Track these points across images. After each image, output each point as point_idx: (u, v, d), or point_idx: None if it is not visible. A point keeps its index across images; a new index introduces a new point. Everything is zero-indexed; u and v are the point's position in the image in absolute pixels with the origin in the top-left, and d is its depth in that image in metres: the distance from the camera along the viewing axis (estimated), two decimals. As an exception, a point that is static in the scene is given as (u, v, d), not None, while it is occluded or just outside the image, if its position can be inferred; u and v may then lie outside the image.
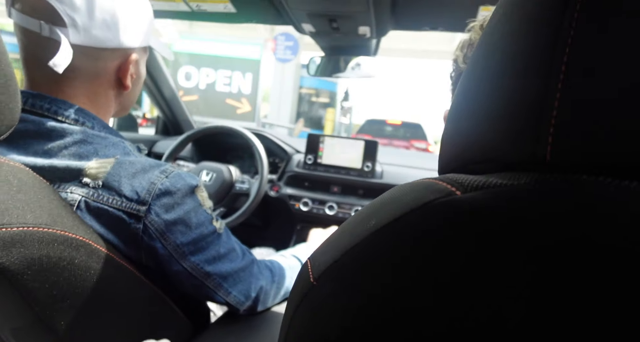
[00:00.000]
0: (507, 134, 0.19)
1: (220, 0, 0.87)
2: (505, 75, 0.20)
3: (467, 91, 0.24)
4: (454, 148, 0.25)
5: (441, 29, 0.88)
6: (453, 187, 0.19)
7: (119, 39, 0.50)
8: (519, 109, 0.19)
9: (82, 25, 0.47)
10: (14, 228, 0.33)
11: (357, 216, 0.25)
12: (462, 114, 0.24)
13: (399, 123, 7.31)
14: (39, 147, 0.47)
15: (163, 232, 0.49)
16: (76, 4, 0.46)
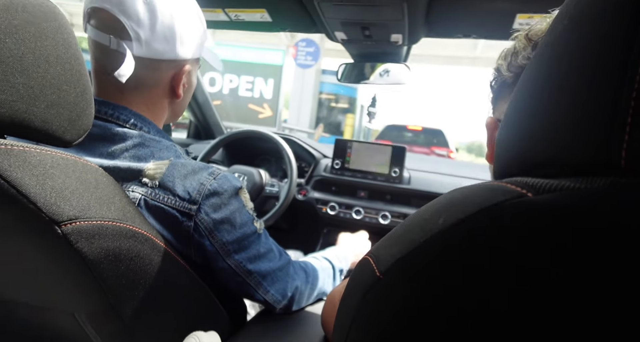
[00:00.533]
0: (577, 139, 0.20)
1: (257, 11, 0.91)
2: (574, 81, 0.21)
3: (528, 97, 0.25)
4: (513, 151, 0.25)
5: (474, 36, 0.88)
6: (523, 189, 0.20)
7: (175, 51, 0.54)
8: (590, 114, 0.19)
9: (145, 38, 0.51)
10: (95, 222, 0.37)
11: (421, 214, 0.25)
12: (523, 119, 0.25)
13: (419, 129, 7.23)
14: (104, 149, 0.51)
15: (211, 230, 0.52)
16: (141, 20, 0.50)
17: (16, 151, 0.34)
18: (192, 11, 0.55)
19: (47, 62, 0.36)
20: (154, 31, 0.51)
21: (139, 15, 0.50)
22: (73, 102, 0.39)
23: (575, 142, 0.20)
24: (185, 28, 0.54)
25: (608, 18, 0.19)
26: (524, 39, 0.45)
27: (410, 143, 6.94)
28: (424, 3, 0.77)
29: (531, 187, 0.20)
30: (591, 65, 0.20)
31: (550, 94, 0.22)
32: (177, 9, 0.53)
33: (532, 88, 0.24)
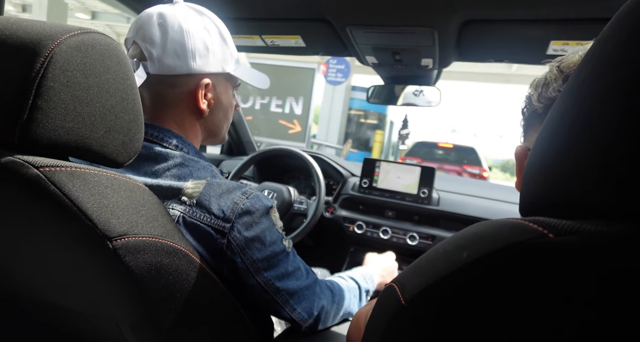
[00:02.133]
0: (598, 183, 0.20)
1: (292, 37, 0.96)
2: (596, 126, 0.21)
3: (554, 136, 0.25)
4: (537, 188, 0.26)
5: (507, 61, 0.88)
6: (545, 229, 0.21)
7: (188, 65, 0.57)
8: (611, 160, 0.20)
9: (157, 56, 0.55)
10: (141, 238, 0.40)
11: (446, 246, 0.26)
12: (547, 157, 0.25)
13: (450, 146, 7.06)
14: (148, 168, 0.55)
15: (243, 248, 0.54)
16: (154, 40, 0.55)
17: (78, 173, 0.38)
18: (211, 30, 0.59)
19: (108, 93, 0.41)
20: (165, 48, 0.55)
21: (152, 37, 0.55)
22: (127, 127, 0.43)
23: (596, 186, 0.20)
24: (199, 43, 0.57)
25: (631, 67, 0.20)
26: (556, 70, 0.45)
27: (440, 161, 6.78)
28: (455, 30, 0.78)
29: (552, 228, 0.20)
30: (612, 113, 0.20)
31: (574, 136, 0.23)
32: (190, 25, 0.56)
33: (558, 127, 0.25)
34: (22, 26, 0.38)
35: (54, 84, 0.36)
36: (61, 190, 0.36)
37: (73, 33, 0.39)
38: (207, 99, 0.60)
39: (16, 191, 0.38)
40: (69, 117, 0.38)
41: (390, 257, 1.01)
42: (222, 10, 0.90)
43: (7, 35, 0.38)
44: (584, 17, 0.67)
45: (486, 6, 0.71)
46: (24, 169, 0.35)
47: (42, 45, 0.36)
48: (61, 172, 0.37)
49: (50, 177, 0.36)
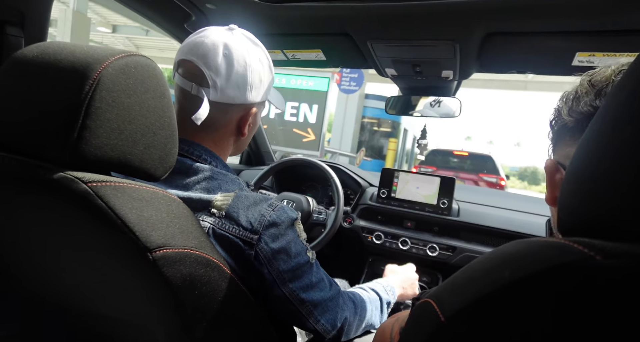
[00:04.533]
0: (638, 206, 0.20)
1: (313, 51, 0.98)
2: (635, 148, 0.21)
3: (594, 156, 0.25)
4: (579, 208, 0.26)
5: (530, 72, 0.87)
6: (591, 251, 0.21)
7: (245, 96, 0.60)
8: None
9: (220, 86, 0.58)
10: (178, 249, 0.42)
11: (484, 263, 0.27)
12: (588, 178, 0.25)
13: (466, 154, 6.96)
14: (180, 181, 0.58)
15: (269, 259, 0.55)
16: (219, 70, 0.57)
17: (122, 187, 0.40)
18: (264, 62, 0.62)
19: (148, 111, 0.43)
20: (229, 80, 0.58)
21: (217, 66, 0.57)
22: (163, 143, 0.46)
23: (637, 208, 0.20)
24: (256, 77, 0.61)
25: None
26: (587, 84, 0.44)
27: (456, 169, 6.69)
28: (477, 42, 0.78)
29: (599, 250, 0.20)
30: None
31: (615, 156, 0.23)
32: (251, 60, 0.59)
33: (598, 150, 0.25)
34: (72, 51, 0.41)
35: (100, 104, 0.39)
36: (107, 204, 0.38)
37: (118, 56, 0.41)
38: (248, 123, 0.64)
39: (66, 204, 0.40)
40: (113, 135, 0.40)
41: (410, 269, 1.00)
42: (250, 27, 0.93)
43: (59, 59, 0.40)
44: (610, 29, 0.66)
45: (508, 19, 0.71)
46: (74, 184, 0.38)
47: (90, 69, 0.39)
48: (107, 187, 0.39)
49: (97, 191, 0.38)
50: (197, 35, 0.60)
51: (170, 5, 0.84)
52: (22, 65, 0.42)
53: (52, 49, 0.42)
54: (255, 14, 0.87)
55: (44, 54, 0.41)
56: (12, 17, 0.66)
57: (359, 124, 8.67)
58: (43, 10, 0.70)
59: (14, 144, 0.42)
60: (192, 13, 0.87)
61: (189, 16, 0.89)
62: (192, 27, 0.92)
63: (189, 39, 0.61)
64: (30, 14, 0.68)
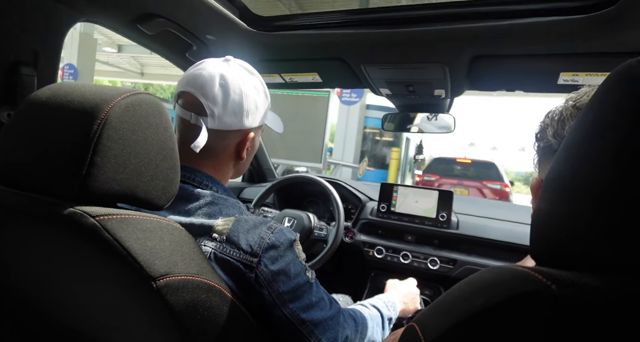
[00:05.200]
0: (594, 239, 0.23)
1: (309, 74, 1.03)
2: (589, 183, 0.24)
3: (561, 179, 0.28)
4: (547, 230, 0.28)
5: (518, 90, 0.90)
6: (549, 280, 0.23)
7: (242, 123, 0.63)
8: (600, 220, 0.23)
9: (218, 114, 0.61)
10: (181, 277, 0.44)
11: (462, 290, 0.29)
12: (556, 199, 0.28)
13: (469, 161, 6.94)
14: (182, 207, 0.60)
15: (269, 281, 0.57)
16: (216, 100, 0.61)
17: (127, 219, 0.43)
18: (259, 89, 0.66)
19: (151, 145, 0.46)
20: (226, 108, 0.62)
21: (214, 96, 0.61)
22: (166, 173, 0.49)
23: (593, 242, 0.23)
24: (252, 103, 0.64)
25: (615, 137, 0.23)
26: (572, 107, 0.46)
27: (459, 177, 6.66)
28: (465, 64, 0.82)
29: (555, 280, 0.23)
30: (602, 178, 0.23)
31: (573, 193, 0.26)
32: (246, 88, 0.63)
33: (564, 171, 0.27)
34: (82, 92, 0.45)
35: (107, 142, 0.42)
36: (114, 236, 0.41)
37: (124, 96, 0.44)
38: (246, 147, 0.67)
39: (75, 237, 0.43)
40: (119, 170, 0.43)
41: (411, 283, 1.01)
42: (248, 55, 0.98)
43: (70, 100, 0.44)
44: (591, 51, 0.70)
45: (494, 43, 0.74)
46: (83, 219, 0.40)
47: (98, 109, 0.42)
48: (113, 220, 0.42)
49: (105, 225, 0.41)
50: (195, 67, 0.64)
51: (173, 37, 0.89)
52: (36, 107, 0.45)
53: (63, 90, 0.45)
54: (252, 42, 0.92)
55: (56, 96, 0.45)
56: (26, 57, 0.70)
57: (361, 135, 8.71)
58: (55, 48, 0.74)
59: (26, 181, 0.45)
60: (193, 43, 0.92)
61: (191, 46, 0.93)
62: (193, 56, 0.97)
63: (188, 71, 0.65)
64: (43, 53, 0.72)
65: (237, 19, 0.85)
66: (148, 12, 0.79)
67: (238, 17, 0.85)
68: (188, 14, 0.80)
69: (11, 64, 0.69)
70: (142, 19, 0.80)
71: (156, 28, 0.82)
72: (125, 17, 0.81)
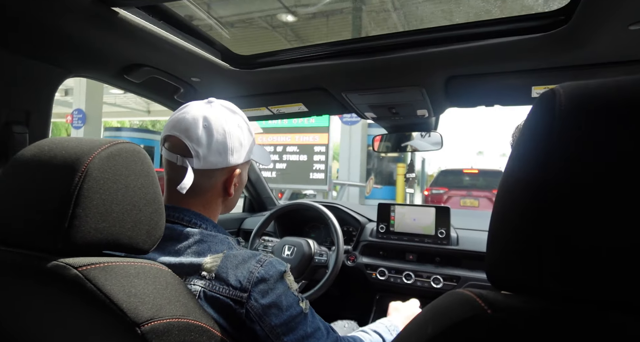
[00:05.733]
0: (522, 264, 0.24)
1: (295, 104, 1.06)
2: (514, 213, 0.26)
3: (496, 212, 0.29)
4: (490, 256, 0.30)
5: (496, 105, 0.92)
6: (486, 305, 0.25)
7: (227, 161, 0.66)
8: (526, 245, 0.24)
9: (202, 155, 0.64)
10: (166, 320, 0.45)
11: (419, 318, 0.31)
12: (498, 222, 0.29)
13: (476, 171, 6.89)
14: (172, 247, 0.62)
15: (261, 315, 0.57)
16: (200, 141, 0.64)
17: (110, 267, 0.44)
18: (242, 127, 0.68)
19: (133, 191, 0.48)
20: (210, 148, 0.64)
21: (199, 138, 0.63)
22: (149, 217, 0.50)
23: (519, 266, 0.25)
24: (236, 141, 0.66)
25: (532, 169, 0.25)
26: None
27: (469, 188, 6.59)
28: (441, 85, 0.84)
29: (491, 304, 0.25)
30: (523, 217, 0.25)
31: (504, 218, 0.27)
32: (229, 127, 0.66)
33: (498, 207, 0.29)
34: (64, 146, 0.47)
35: (88, 193, 0.44)
36: (96, 286, 0.42)
37: (104, 147, 0.47)
38: (234, 183, 0.69)
39: (59, 289, 0.44)
40: (102, 218, 0.45)
41: (414, 304, 0.99)
42: (233, 92, 1.02)
43: (53, 156, 0.46)
44: (555, 66, 0.72)
45: (465, 64, 0.77)
46: (66, 271, 0.42)
47: (79, 162, 0.44)
48: (95, 269, 0.43)
49: (87, 275, 0.42)
50: (180, 111, 0.67)
51: (160, 83, 0.94)
52: (21, 165, 0.47)
53: (47, 146, 0.48)
54: (235, 80, 0.96)
55: (41, 153, 0.47)
56: (18, 116, 0.74)
57: (365, 153, 8.75)
58: (46, 105, 0.79)
59: (13, 238, 0.46)
60: (180, 86, 0.97)
61: (178, 89, 0.98)
62: (181, 98, 1.02)
63: (173, 116, 0.68)
64: (35, 111, 0.77)
65: (220, 60, 0.90)
66: (133, 63, 0.84)
67: (220, 59, 0.90)
68: (171, 60, 0.85)
69: (3, 124, 0.72)
70: (128, 69, 0.85)
71: (143, 76, 0.87)
72: (112, 70, 0.86)
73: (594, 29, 0.60)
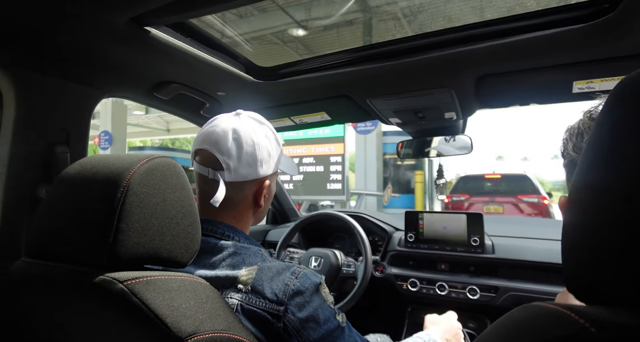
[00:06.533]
0: (625, 275, 0.21)
1: (318, 114, 1.05)
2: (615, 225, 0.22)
3: (587, 187, 0.26)
4: (580, 256, 0.26)
5: (533, 103, 0.88)
6: (587, 322, 0.21)
7: (257, 172, 0.65)
8: (633, 256, 0.21)
9: (233, 167, 0.63)
10: (208, 334, 0.44)
11: (495, 335, 0.27)
12: (583, 212, 0.26)
13: (498, 177, 6.65)
14: (207, 260, 0.61)
15: (298, 329, 0.55)
16: (231, 154, 0.63)
17: (153, 281, 0.44)
18: (270, 137, 0.68)
19: (171, 205, 0.48)
20: (240, 160, 0.64)
21: (229, 151, 0.63)
22: (187, 231, 0.50)
23: (613, 277, 0.21)
24: (264, 152, 0.66)
25: None
26: (588, 120, 0.45)
27: (491, 194, 6.38)
28: (471, 85, 0.82)
29: (594, 321, 0.21)
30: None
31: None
32: (258, 139, 0.65)
33: (587, 192, 0.26)
34: (106, 162, 0.48)
35: (130, 207, 0.44)
36: (141, 300, 0.41)
37: (142, 162, 0.47)
38: (263, 195, 0.68)
39: (104, 303, 0.44)
40: (143, 232, 0.45)
41: (451, 317, 0.95)
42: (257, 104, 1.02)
43: (95, 172, 0.47)
44: (599, 58, 0.68)
45: (498, 62, 0.74)
46: (112, 285, 0.42)
47: (121, 177, 0.45)
48: (139, 283, 0.43)
49: (132, 289, 0.42)
50: (209, 125, 0.67)
51: (187, 99, 0.95)
52: (66, 183, 0.49)
53: (90, 163, 0.49)
54: (260, 92, 0.96)
55: (84, 170, 0.48)
56: (59, 137, 0.77)
57: (381, 162, 8.68)
58: (84, 125, 0.82)
59: (60, 253, 0.47)
60: (206, 101, 0.98)
61: (204, 104, 0.99)
62: (207, 113, 1.03)
63: (202, 129, 0.68)
64: (73, 131, 0.79)
65: (244, 73, 0.91)
66: (162, 80, 0.86)
67: (244, 72, 0.91)
68: (199, 76, 0.86)
69: (46, 145, 0.76)
70: (157, 87, 0.87)
71: (171, 93, 0.89)
72: (143, 88, 0.88)
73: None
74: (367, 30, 2.81)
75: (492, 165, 36.59)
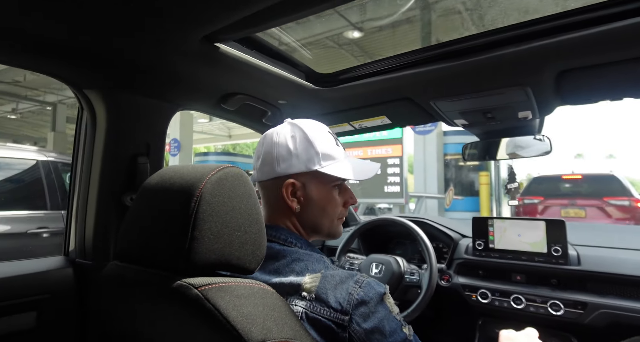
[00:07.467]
0: None
1: (378, 118, 1.04)
2: None
3: None
4: None
5: (627, 97, 0.77)
6: None
7: (274, 170, 0.66)
8: None
9: (257, 167, 0.68)
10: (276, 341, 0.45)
11: None
12: None
13: (579, 177, 5.90)
14: (271, 266, 0.63)
15: (364, 340, 0.54)
16: (258, 156, 0.68)
17: (225, 287, 0.46)
18: (298, 136, 0.66)
19: (239, 213, 0.50)
20: (260, 159, 0.68)
21: (257, 153, 0.69)
22: (254, 238, 0.52)
23: None
24: (282, 151, 0.66)
25: None
26: None
27: (570, 196, 5.68)
28: (551, 82, 0.74)
29: None
30: None
31: None
32: (278, 139, 0.67)
33: None
34: (181, 173, 0.51)
35: (203, 216, 0.47)
36: (214, 305, 0.43)
37: (213, 172, 0.50)
38: (296, 196, 0.67)
39: (180, 306, 0.47)
40: (214, 240, 0.47)
41: (531, 334, 0.86)
42: (317, 110, 1.04)
43: (172, 182, 0.51)
44: None
45: (582, 54, 0.66)
46: (188, 290, 0.44)
47: (194, 187, 0.48)
48: (212, 289, 0.45)
49: (206, 294, 0.44)
50: None
51: (250, 108, 1.00)
52: (148, 193, 0.53)
53: (167, 174, 0.53)
54: (319, 98, 0.97)
55: (162, 181, 0.52)
56: (141, 149, 0.86)
57: (441, 163, 8.27)
58: (161, 138, 0.90)
59: (143, 258, 0.51)
60: (268, 110, 1.02)
61: (266, 112, 1.03)
62: (269, 121, 1.07)
63: None
64: (152, 143, 0.88)
65: (304, 81, 0.93)
66: (229, 92, 0.92)
67: (304, 80, 0.93)
68: (262, 86, 0.90)
69: (131, 156, 0.84)
70: (224, 99, 0.93)
71: (237, 104, 0.94)
72: (211, 100, 0.95)
73: None
74: (425, 28, 2.69)
75: (570, 165, 32.56)
